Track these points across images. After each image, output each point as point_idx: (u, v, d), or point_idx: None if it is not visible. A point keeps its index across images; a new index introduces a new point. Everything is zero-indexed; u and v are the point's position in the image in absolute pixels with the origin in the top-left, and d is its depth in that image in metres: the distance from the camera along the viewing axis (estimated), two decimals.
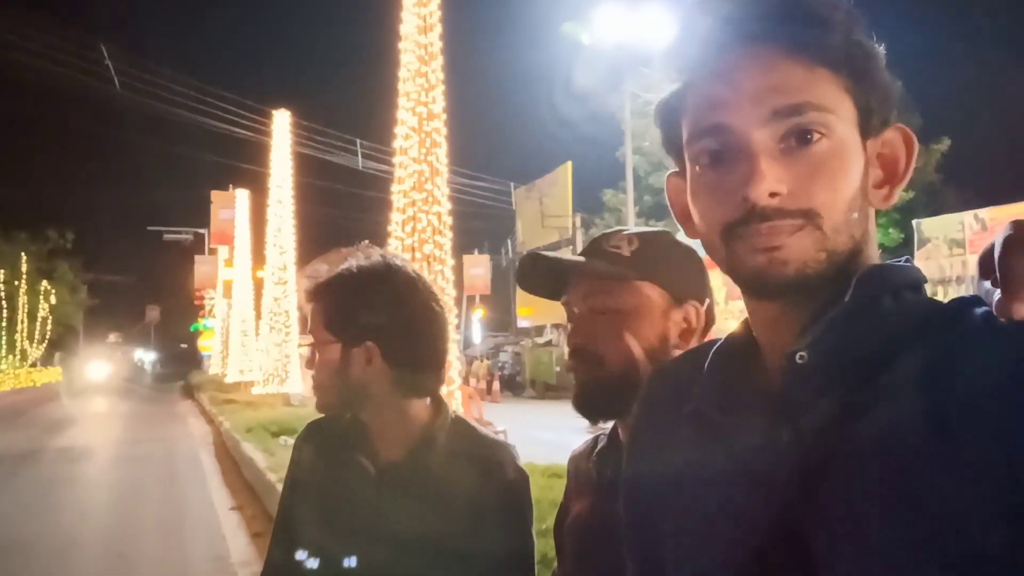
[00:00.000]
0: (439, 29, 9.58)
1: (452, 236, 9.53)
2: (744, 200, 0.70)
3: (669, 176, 0.84)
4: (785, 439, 0.70)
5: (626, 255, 1.26)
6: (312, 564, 1.48)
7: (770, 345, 0.78)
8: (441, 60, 9.55)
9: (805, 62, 0.71)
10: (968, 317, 0.67)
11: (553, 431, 12.94)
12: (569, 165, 32.20)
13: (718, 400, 0.79)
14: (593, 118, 27.18)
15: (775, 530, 0.69)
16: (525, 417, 17.28)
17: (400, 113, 9.46)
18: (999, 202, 18.39)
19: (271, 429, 11.04)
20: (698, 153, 0.75)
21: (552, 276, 1.32)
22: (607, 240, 1.30)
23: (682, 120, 0.77)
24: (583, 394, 1.27)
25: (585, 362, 1.25)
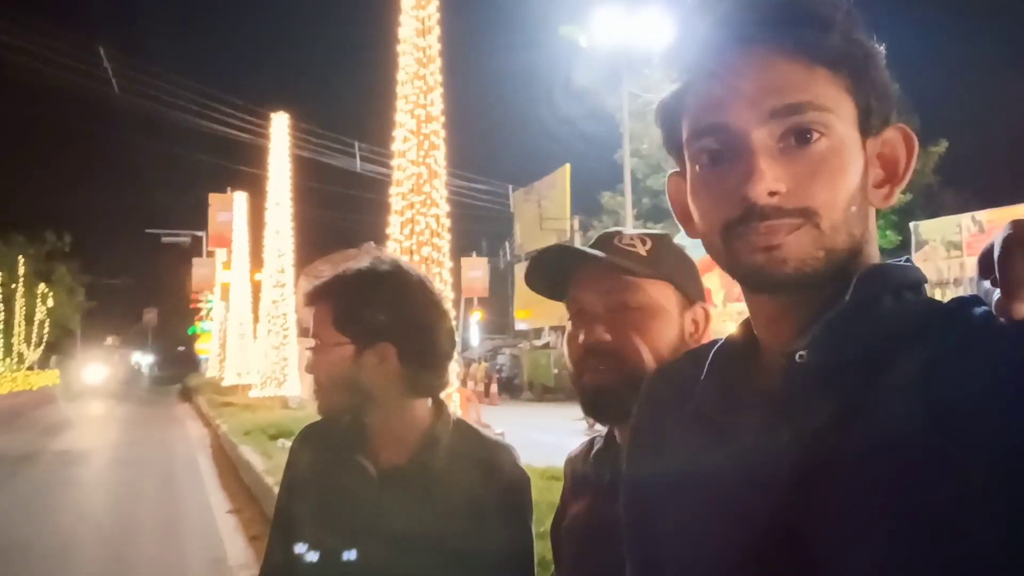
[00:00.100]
0: (437, 31, 9.58)
1: (450, 238, 9.54)
2: (743, 199, 0.70)
3: (670, 176, 0.85)
4: (785, 438, 0.70)
5: (643, 254, 1.24)
6: (311, 558, 1.47)
7: (771, 344, 0.78)
8: (439, 62, 9.55)
9: (804, 61, 0.71)
10: (968, 317, 0.67)
11: (551, 433, 12.96)
12: (567, 167, 32.18)
13: (718, 400, 0.79)
14: (591, 120, 27.21)
15: (774, 530, 0.69)
16: (523, 419, 17.28)
17: (398, 115, 9.45)
18: (997, 204, 18.46)
19: (269, 432, 11.00)
20: (698, 153, 0.75)
21: (562, 272, 1.26)
22: (618, 238, 1.26)
23: (682, 120, 0.77)
24: (600, 394, 1.20)
25: (604, 361, 1.19)
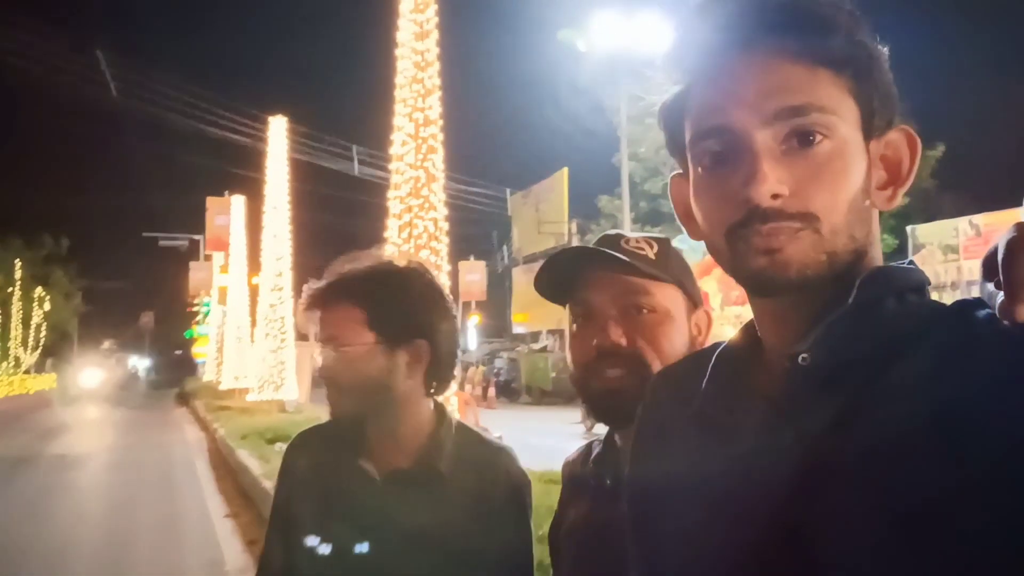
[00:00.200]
0: (436, 35, 9.59)
1: (448, 242, 9.54)
2: (746, 201, 0.70)
3: (673, 177, 0.84)
4: (788, 440, 0.70)
5: (652, 257, 1.23)
6: (312, 564, 1.45)
7: (774, 346, 0.78)
8: (437, 66, 9.57)
9: (807, 63, 0.71)
10: (971, 319, 0.67)
11: (549, 437, 12.98)
12: (565, 171, 32.18)
13: (722, 401, 0.79)
14: (589, 124, 27.24)
15: (778, 531, 0.68)
16: (521, 423, 17.28)
17: (396, 119, 9.46)
18: (994, 208, 18.47)
19: (266, 436, 10.98)
20: (700, 154, 0.75)
21: (572, 274, 1.24)
22: (624, 241, 1.25)
23: (685, 122, 0.77)
24: (613, 398, 1.17)
25: (618, 364, 1.17)
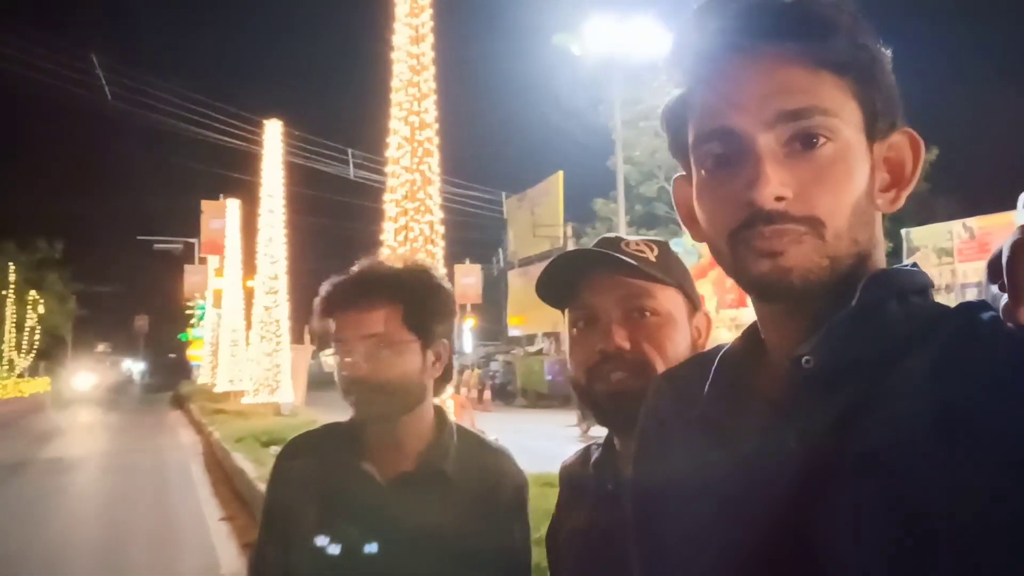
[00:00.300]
0: (431, 39, 9.60)
1: (444, 245, 9.54)
2: (749, 204, 0.70)
3: (676, 179, 0.84)
4: (791, 443, 0.70)
5: (653, 260, 1.22)
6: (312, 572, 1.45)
7: (777, 349, 0.77)
8: (433, 70, 9.57)
9: (810, 65, 0.71)
10: (975, 321, 0.67)
11: (545, 439, 12.97)
12: (560, 175, 32.24)
13: (725, 404, 0.79)
14: (584, 128, 27.25)
15: (781, 534, 0.68)
16: (516, 426, 17.25)
17: (392, 123, 9.46)
18: (988, 211, 18.50)
19: (261, 439, 10.95)
20: (703, 157, 0.75)
21: (574, 276, 1.22)
22: (625, 243, 1.24)
23: (688, 124, 0.77)
24: (617, 401, 1.16)
25: (623, 368, 1.16)
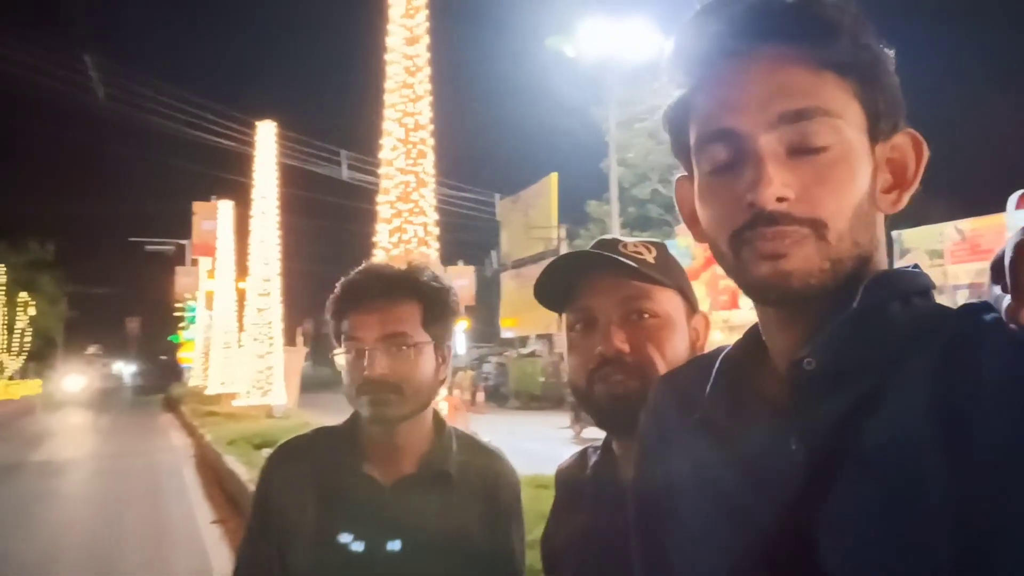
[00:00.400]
0: (426, 41, 9.60)
1: (438, 247, 9.53)
2: (751, 205, 0.70)
3: (678, 180, 0.84)
4: (793, 445, 0.70)
5: (652, 262, 1.21)
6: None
7: (779, 351, 0.77)
8: (427, 71, 9.57)
9: (812, 66, 0.71)
10: (977, 323, 0.67)
11: (538, 441, 12.98)
12: (554, 176, 32.23)
13: (726, 407, 0.79)
14: (577, 130, 27.33)
15: (782, 536, 0.68)
16: (510, 427, 17.24)
17: (386, 124, 9.46)
18: (979, 213, 18.60)
19: (253, 441, 10.90)
20: (705, 158, 0.75)
21: (573, 278, 1.21)
22: (622, 245, 1.23)
23: (690, 125, 0.77)
24: (617, 404, 1.14)
25: (623, 371, 1.15)
